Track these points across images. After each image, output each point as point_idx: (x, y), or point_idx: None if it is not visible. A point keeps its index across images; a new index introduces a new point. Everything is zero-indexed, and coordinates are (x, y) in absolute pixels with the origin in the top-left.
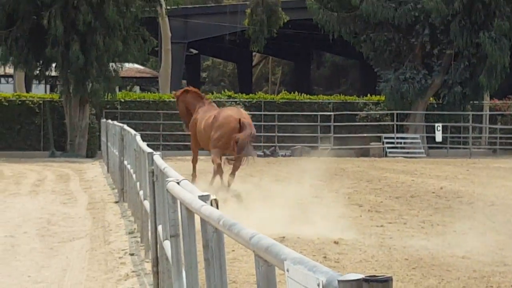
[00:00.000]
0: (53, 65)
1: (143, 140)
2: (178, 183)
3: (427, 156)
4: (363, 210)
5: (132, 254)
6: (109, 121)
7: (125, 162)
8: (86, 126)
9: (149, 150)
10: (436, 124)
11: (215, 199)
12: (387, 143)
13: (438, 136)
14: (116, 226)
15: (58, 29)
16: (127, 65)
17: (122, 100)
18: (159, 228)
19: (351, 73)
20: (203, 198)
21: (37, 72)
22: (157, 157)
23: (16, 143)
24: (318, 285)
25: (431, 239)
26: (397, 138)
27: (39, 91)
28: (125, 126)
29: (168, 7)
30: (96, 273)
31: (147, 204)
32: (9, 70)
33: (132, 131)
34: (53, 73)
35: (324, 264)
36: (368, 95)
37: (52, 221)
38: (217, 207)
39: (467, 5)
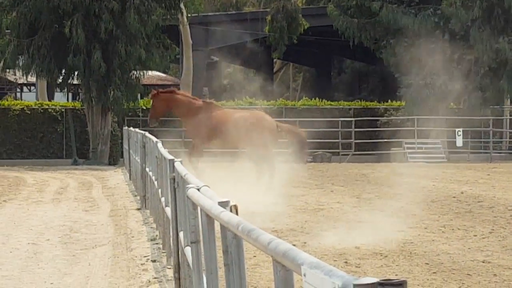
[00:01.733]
0: (75, 73)
1: (165, 148)
2: (198, 189)
3: (448, 161)
4: (384, 215)
5: (154, 261)
6: (131, 128)
7: (147, 169)
8: (108, 134)
9: (170, 157)
10: (457, 129)
11: (235, 205)
12: (408, 148)
13: (459, 141)
14: (138, 233)
15: (80, 38)
16: (149, 73)
17: (144, 108)
18: (181, 234)
19: (371, 79)
20: (223, 204)
21: (60, 80)
22: (178, 164)
23: (39, 151)
24: None
25: (452, 244)
26: (418, 143)
27: (61, 99)
28: (147, 133)
29: (189, 15)
30: (118, 280)
31: (168, 210)
32: (32, 78)
33: (154, 138)
34: (75, 81)
35: (345, 269)
36: (389, 100)
37: (75, 228)
38: (237, 213)
39: (486, 10)
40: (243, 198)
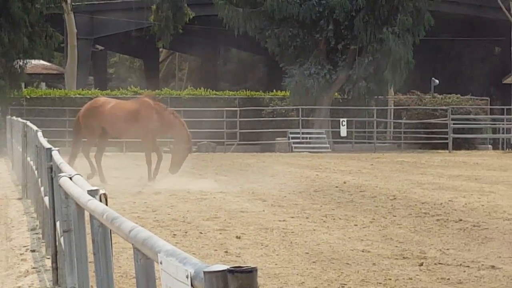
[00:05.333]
0: None
1: (49, 137)
2: (70, 178)
3: (332, 151)
4: (266, 205)
5: (33, 251)
6: (14, 117)
7: (28, 159)
8: None
9: (48, 146)
10: (341, 119)
11: (104, 194)
12: (293, 138)
13: (343, 131)
14: (18, 222)
15: None
16: (33, 61)
17: (28, 97)
18: (58, 224)
19: (257, 68)
20: (92, 193)
21: None
22: (55, 152)
23: None
24: (187, 276)
25: (333, 233)
26: (303, 133)
27: None
28: (28, 123)
29: (74, 4)
30: None
31: (47, 200)
32: None
33: (34, 127)
34: None
35: (225, 259)
36: (274, 90)
37: None
38: (106, 202)
39: (370, 1)
40: (125, 188)
